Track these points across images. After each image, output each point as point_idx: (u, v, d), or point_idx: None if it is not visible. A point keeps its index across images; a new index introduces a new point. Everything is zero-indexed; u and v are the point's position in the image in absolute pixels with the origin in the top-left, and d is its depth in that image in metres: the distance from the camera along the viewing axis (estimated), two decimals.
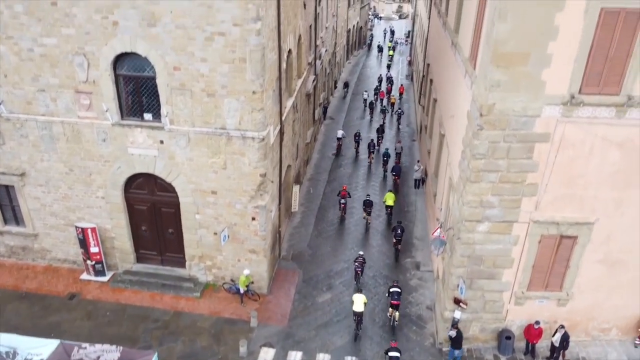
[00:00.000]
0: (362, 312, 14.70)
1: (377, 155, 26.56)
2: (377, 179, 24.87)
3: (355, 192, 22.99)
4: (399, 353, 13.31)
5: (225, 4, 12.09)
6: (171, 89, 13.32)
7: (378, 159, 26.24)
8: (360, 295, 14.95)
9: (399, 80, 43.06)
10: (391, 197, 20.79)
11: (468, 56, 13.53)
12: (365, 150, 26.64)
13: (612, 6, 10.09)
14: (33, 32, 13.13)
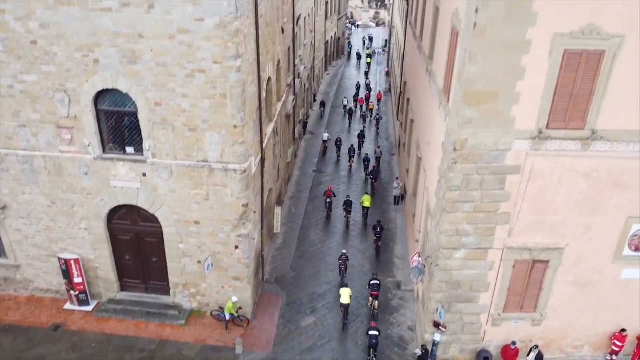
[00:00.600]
0: (348, 304, 16.34)
1: (357, 160, 28.09)
2: (357, 182, 26.43)
3: (337, 193, 24.23)
4: (377, 332, 14.93)
5: (205, 43, 12.35)
6: (153, 124, 13.51)
7: (359, 163, 27.79)
8: (346, 289, 16.50)
9: (377, 87, 44.08)
10: (368, 199, 22.34)
11: (442, 87, 14.04)
12: (346, 154, 28.19)
13: (575, 48, 10.68)
14: (13, 70, 13.20)
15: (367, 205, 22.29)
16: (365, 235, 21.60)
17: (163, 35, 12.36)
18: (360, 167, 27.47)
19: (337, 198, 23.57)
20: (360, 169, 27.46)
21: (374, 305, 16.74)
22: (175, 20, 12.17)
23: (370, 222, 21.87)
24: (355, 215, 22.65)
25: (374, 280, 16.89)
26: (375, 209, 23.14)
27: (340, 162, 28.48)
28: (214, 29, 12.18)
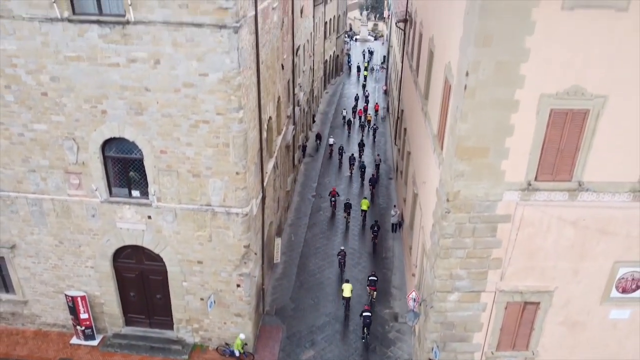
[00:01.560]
0: (350, 297, 18.91)
1: (357, 167, 31.19)
2: (356, 186, 29.68)
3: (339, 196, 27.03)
4: (370, 313, 17.61)
5: (208, 96, 12.91)
6: (158, 170, 14.05)
7: (358, 170, 30.91)
8: (348, 285, 19.09)
9: (375, 98, 46.34)
10: (366, 203, 25.50)
11: (436, 133, 14.60)
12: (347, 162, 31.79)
13: (561, 108, 11.24)
14: (24, 119, 13.74)
15: (365, 208, 25.32)
16: (364, 235, 24.44)
17: (168, 88, 12.92)
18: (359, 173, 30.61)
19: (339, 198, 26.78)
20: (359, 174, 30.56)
21: (372, 295, 19.43)
22: (180, 75, 12.74)
23: (367, 223, 24.92)
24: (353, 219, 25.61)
25: (372, 277, 19.60)
26: (373, 213, 25.90)
27: (342, 168, 31.84)
28: (218, 83, 12.74)
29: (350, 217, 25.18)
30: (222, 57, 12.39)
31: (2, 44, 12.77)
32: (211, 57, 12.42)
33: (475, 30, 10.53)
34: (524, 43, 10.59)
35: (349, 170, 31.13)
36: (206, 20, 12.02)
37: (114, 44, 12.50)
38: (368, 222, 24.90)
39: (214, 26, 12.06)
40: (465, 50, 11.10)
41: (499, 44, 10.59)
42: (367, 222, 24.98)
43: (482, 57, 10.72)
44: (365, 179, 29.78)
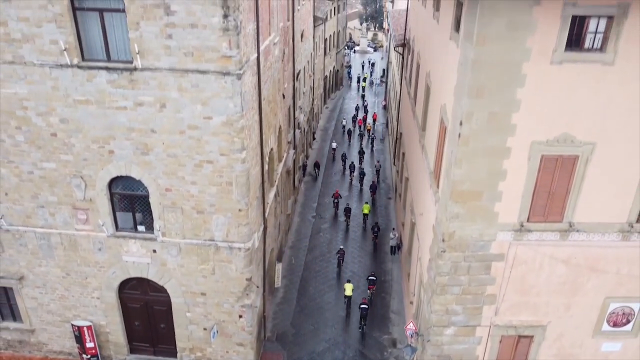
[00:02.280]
0: (351, 296, 20.84)
1: (357, 174, 33.29)
2: (356, 192, 31.96)
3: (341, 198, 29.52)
4: (367, 305, 19.59)
5: (212, 137, 13.38)
6: (163, 207, 14.49)
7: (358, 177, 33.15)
8: (349, 284, 21.05)
9: (374, 108, 49.33)
10: (367, 208, 27.91)
11: (433, 170, 15.06)
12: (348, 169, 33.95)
13: (551, 154, 11.71)
14: (33, 158, 14.20)
15: (366, 212, 27.75)
16: (365, 236, 26.74)
17: (174, 130, 13.39)
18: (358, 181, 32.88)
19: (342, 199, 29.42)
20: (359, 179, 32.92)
21: (371, 294, 21.40)
22: (185, 118, 13.21)
23: (368, 226, 27.24)
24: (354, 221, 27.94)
25: (371, 277, 21.64)
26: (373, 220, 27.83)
27: (345, 173, 34.23)
28: (221, 126, 13.21)
29: (350, 221, 27.50)
30: (225, 101, 12.87)
31: (14, 87, 13.25)
32: (215, 101, 12.90)
33: (469, 83, 11.02)
34: (515, 95, 11.09)
35: (349, 177, 33.37)
36: (210, 68, 12.51)
37: (121, 88, 12.98)
38: (368, 224, 27.29)
39: (218, 73, 12.55)
40: (459, 100, 11.59)
41: (491, 96, 11.09)
42: (368, 224, 27.34)
43: (475, 108, 11.21)
44: (364, 185, 32.16)
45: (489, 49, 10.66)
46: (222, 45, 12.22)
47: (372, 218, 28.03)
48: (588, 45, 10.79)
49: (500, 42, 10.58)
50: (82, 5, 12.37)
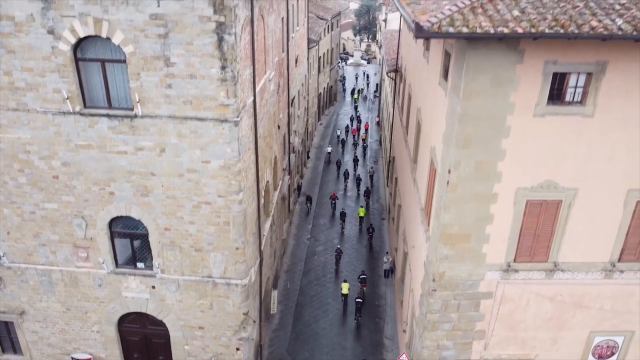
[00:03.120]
0: (347, 294, 23.00)
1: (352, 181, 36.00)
2: (352, 198, 34.35)
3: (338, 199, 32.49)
4: (361, 300, 22.06)
5: (210, 180, 13.84)
6: (162, 245, 14.91)
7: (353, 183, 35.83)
8: (346, 284, 23.15)
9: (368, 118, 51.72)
10: (362, 211, 30.36)
11: (424, 206, 15.56)
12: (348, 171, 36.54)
13: (536, 199, 12.25)
14: (35, 199, 14.59)
15: (362, 215, 30.25)
16: (361, 237, 29.13)
17: (173, 173, 13.84)
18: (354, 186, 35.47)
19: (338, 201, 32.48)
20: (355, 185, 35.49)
21: (363, 290, 23.33)
22: (184, 162, 13.67)
23: (364, 227, 29.63)
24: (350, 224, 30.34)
25: (362, 275, 23.73)
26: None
27: (340, 178, 36.75)
28: (219, 169, 13.68)
29: (345, 224, 29.94)
30: (223, 147, 13.35)
31: (17, 133, 13.67)
32: (213, 146, 13.37)
33: (456, 134, 11.54)
34: (500, 145, 11.62)
35: (344, 183, 35.68)
36: (209, 115, 12.99)
37: (122, 134, 13.43)
38: (364, 226, 29.84)
39: (216, 120, 13.04)
40: (448, 149, 12.11)
41: (477, 146, 11.61)
42: (363, 226, 29.89)
43: (463, 157, 11.73)
44: (360, 189, 34.66)
45: (474, 103, 11.19)
46: (220, 95, 12.71)
47: (366, 220, 30.45)
48: (569, 98, 11.34)
49: (485, 97, 11.12)
50: (84, 56, 12.84)
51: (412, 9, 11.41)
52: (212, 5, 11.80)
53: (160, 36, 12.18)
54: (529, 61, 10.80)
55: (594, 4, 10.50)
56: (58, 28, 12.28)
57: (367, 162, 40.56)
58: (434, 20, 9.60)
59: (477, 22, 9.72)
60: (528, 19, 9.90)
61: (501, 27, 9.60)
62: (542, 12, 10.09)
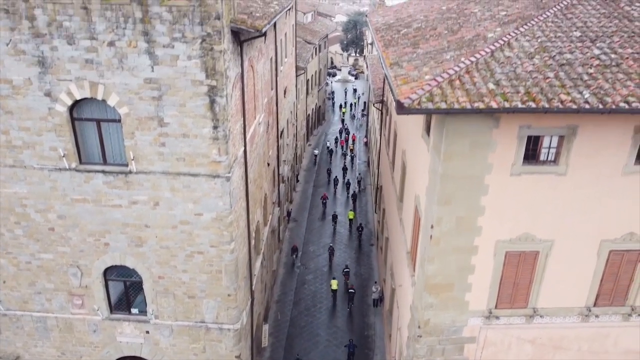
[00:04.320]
0: (336, 290, 25.71)
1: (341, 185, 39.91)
2: (341, 200, 37.94)
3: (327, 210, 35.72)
4: (353, 290, 25.14)
5: (203, 231, 14.31)
6: (156, 292, 15.31)
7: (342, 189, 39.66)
8: (335, 280, 25.86)
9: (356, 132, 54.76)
10: (352, 214, 34.04)
11: (409, 250, 16.15)
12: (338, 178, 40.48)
13: (514, 250, 12.90)
14: (31, 249, 14.94)
15: (351, 217, 33.78)
16: (351, 237, 32.63)
17: (166, 225, 14.29)
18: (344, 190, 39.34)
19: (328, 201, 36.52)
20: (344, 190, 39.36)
21: (347, 282, 26.33)
22: (178, 215, 14.13)
23: (353, 227, 33.12)
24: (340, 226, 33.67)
25: (346, 269, 27.09)
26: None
27: (330, 187, 39.91)
28: (211, 221, 14.16)
29: (337, 225, 33.36)
30: (215, 200, 13.84)
31: (14, 188, 14.05)
32: (206, 200, 13.86)
33: (438, 193, 12.16)
34: (480, 201, 12.26)
35: (333, 189, 39.22)
36: (201, 171, 13.50)
37: (117, 189, 13.88)
38: (353, 226, 33.24)
39: (209, 176, 13.55)
40: (430, 205, 12.72)
41: (458, 203, 12.24)
42: (353, 226, 33.29)
43: (445, 213, 12.35)
44: (349, 194, 38.13)
45: (455, 164, 11.83)
46: (212, 152, 13.23)
47: (355, 221, 33.91)
48: (543, 158, 12.04)
49: (465, 158, 11.76)
50: (80, 115, 13.30)
51: (396, 77, 12.07)
52: (204, 70, 12.35)
53: (154, 98, 12.70)
54: (505, 126, 11.47)
55: (564, 74, 11.24)
56: (55, 91, 12.75)
57: (355, 170, 43.77)
58: (414, 97, 10.23)
59: (455, 97, 10.37)
60: (502, 92, 10.59)
61: (477, 103, 10.25)
62: (515, 85, 10.78)
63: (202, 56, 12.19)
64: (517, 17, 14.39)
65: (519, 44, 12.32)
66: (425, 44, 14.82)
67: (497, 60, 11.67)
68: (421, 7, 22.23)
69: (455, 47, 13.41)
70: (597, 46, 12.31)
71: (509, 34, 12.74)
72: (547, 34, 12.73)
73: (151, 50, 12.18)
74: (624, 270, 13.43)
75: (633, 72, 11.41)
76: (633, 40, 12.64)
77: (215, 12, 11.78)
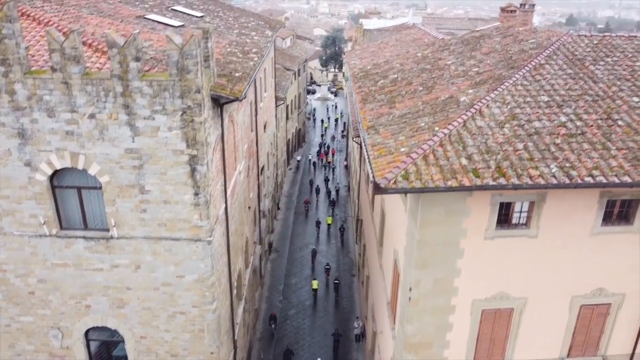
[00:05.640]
0: (317, 289, 28.92)
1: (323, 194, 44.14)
2: (323, 208, 41.75)
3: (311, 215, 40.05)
4: (338, 281, 29.32)
5: (185, 292, 14.42)
6: (138, 352, 15.30)
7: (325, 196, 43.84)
8: (315, 281, 29.11)
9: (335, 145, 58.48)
10: (330, 219, 38.00)
11: (390, 300, 16.46)
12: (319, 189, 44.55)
13: (490, 308, 13.31)
14: (11, 313, 14.84)
15: (330, 222, 37.86)
16: (329, 239, 36.50)
17: (148, 287, 14.36)
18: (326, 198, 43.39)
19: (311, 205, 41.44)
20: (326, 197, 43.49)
21: (328, 279, 30.34)
22: (159, 277, 14.22)
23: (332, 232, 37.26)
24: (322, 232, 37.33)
25: (327, 267, 30.89)
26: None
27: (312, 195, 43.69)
28: (193, 283, 14.28)
29: (319, 230, 37.09)
30: (197, 263, 13.98)
31: None
32: (187, 263, 14.00)
33: (415, 258, 12.52)
34: (455, 264, 12.66)
35: (316, 198, 43.11)
36: (183, 235, 13.65)
37: (98, 253, 13.92)
38: (332, 230, 37.46)
39: (190, 240, 13.69)
40: (408, 268, 13.07)
41: (435, 266, 12.62)
42: (331, 230, 37.47)
43: (422, 277, 12.71)
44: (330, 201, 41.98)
45: (431, 230, 12.22)
46: (193, 217, 13.40)
47: (334, 226, 38.12)
48: (515, 222, 12.51)
49: (440, 225, 12.16)
50: (60, 183, 13.36)
51: (373, 146, 12.45)
52: (184, 140, 12.56)
53: (135, 167, 12.84)
54: (478, 195, 11.90)
55: (532, 144, 11.76)
56: (35, 161, 12.81)
57: (336, 180, 48.22)
58: (390, 177, 10.60)
59: (429, 175, 10.77)
60: (474, 167, 11.02)
61: (450, 180, 10.66)
62: (487, 160, 11.24)
63: (182, 127, 12.41)
64: (488, 77, 14.97)
65: (490, 111, 12.83)
66: (401, 103, 15.28)
67: (469, 130, 12.14)
68: (397, 52, 22.82)
69: (429, 110, 13.88)
70: (564, 112, 12.92)
71: (480, 100, 13.25)
72: (516, 99, 13.29)
73: (132, 122, 12.35)
74: (594, 323, 13.97)
75: (597, 140, 12.02)
76: (597, 104, 13.30)
77: (195, 85, 12.02)
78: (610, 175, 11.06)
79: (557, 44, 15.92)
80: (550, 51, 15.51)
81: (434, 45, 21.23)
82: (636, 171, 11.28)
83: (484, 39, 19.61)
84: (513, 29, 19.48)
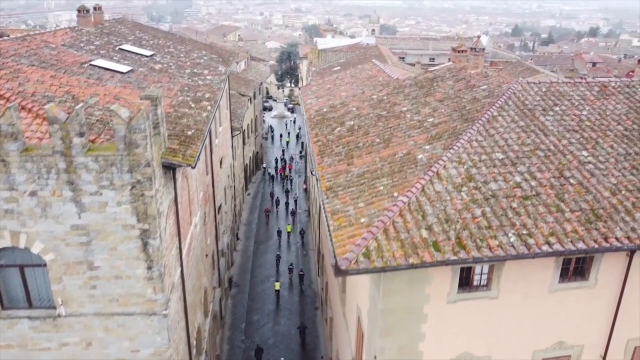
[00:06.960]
0: (279, 290, 30.97)
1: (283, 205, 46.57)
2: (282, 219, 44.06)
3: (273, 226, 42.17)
4: (302, 272, 32.88)
5: None
6: None
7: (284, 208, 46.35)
8: (277, 282, 31.30)
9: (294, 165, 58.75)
10: (289, 227, 40.75)
11: (354, 356, 16.20)
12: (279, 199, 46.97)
13: None
14: None
15: (289, 230, 40.50)
16: (290, 245, 38.98)
17: None
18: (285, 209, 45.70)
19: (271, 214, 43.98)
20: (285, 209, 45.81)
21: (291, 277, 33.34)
22: (112, 353, 13.46)
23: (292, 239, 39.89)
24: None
25: (290, 266, 33.84)
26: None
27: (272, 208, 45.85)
28: (149, 357, 13.59)
29: (281, 238, 39.25)
30: (153, 337, 13.33)
31: None
32: (142, 337, 13.32)
33: (379, 326, 12.33)
34: (420, 329, 12.54)
35: (276, 209, 45.54)
36: (137, 310, 12.98)
37: (45, 332, 13.06)
38: (292, 238, 40.01)
39: (144, 314, 13.03)
40: (372, 336, 12.86)
41: (399, 333, 12.46)
42: (291, 238, 39.98)
43: (387, 344, 12.52)
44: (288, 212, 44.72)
45: (394, 299, 12.06)
46: (147, 292, 12.77)
47: (293, 233, 40.65)
48: (476, 284, 12.53)
49: (403, 293, 12.02)
50: (0, 262, 12.44)
51: (332, 214, 12.21)
52: (135, 214, 11.97)
53: (83, 244, 12.14)
54: None
55: (490, 210, 11.82)
56: None
57: (294, 191, 50.83)
58: (351, 257, 10.39)
59: (390, 252, 10.62)
60: (434, 240, 10.95)
61: (411, 257, 10.54)
62: (446, 230, 11.19)
63: (132, 202, 11.82)
64: (444, 131, 15.05)
65: (447, 172, 12.85)
66: (359, 159, 15.15)
67: (427, 196, 12.09)
68: (353, 91, 22.81)
69: (387, 170, 13.79)
70: (518, 170, 13.11)
71: (437, 160, 13.25)
72: (472, 158, 13.39)
73: (77, 198, 11.67)
74: None
75: (551, 202, 12.23)
76: (549, 160, 13.59)
77: (144, 159, 11.48)
78: (565, 242, 11.24)
79: (508, 93, 16.22)
80: (502, 101, 15.78)
81: (389, 86, 21.31)
82: (589, 235, 11.53)
83: (437, 81, 19.83)
84: (465, 72, 19.80)
